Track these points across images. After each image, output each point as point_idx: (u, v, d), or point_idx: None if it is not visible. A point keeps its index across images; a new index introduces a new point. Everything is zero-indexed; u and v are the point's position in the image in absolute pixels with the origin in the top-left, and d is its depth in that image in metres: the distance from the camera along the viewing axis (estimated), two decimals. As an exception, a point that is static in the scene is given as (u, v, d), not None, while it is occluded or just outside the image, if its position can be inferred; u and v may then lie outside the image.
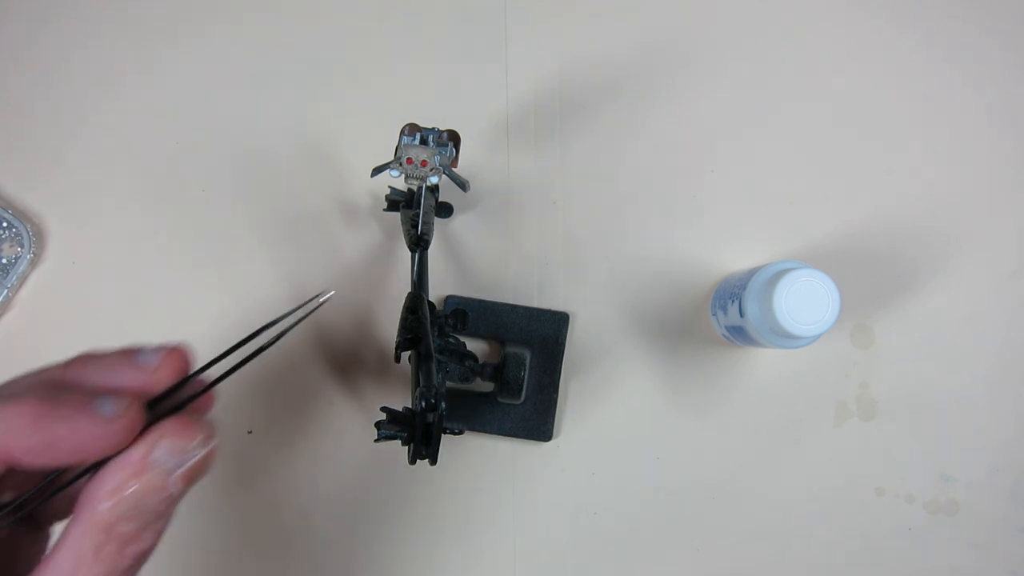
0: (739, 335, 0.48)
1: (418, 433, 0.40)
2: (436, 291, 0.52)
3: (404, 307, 0.45)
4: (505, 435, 0.52)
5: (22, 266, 0.52)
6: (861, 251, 0.52)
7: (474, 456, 0.52)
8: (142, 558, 0.29)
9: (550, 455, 0.52)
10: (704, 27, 0.54)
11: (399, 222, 0.51)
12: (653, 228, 0.53)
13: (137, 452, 0.28)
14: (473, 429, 0.52)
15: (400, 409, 0.42)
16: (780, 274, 0.43)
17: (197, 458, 0.29)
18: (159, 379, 0.30)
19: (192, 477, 0.29)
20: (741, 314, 0.46)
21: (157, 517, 0.29)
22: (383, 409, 0.42)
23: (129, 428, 0.28)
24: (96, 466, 0.29)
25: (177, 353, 0.30)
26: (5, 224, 0.52)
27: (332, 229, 0.53)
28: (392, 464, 0.52)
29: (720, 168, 0.53)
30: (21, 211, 0.53)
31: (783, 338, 0.44)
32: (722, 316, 0.49)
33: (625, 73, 0.54)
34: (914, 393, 0.52)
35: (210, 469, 0.30)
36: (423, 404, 0.39)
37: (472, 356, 0.48)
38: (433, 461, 0.41)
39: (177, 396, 0.30)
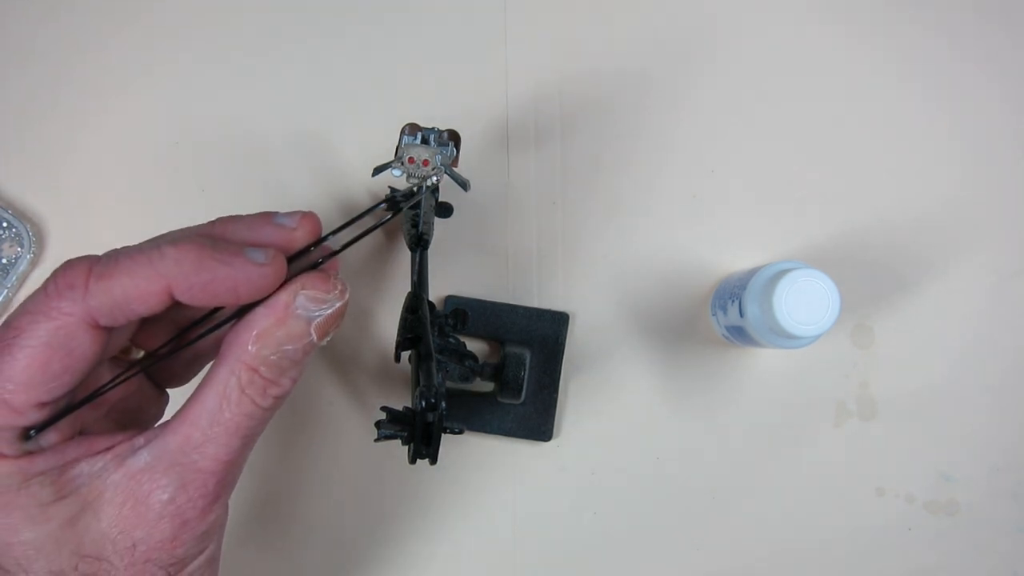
0: (739, 335, 0.48)
1: (418, 433, 0.40)
2: (436, 291, 0.52)
3: (404, 307, 0.45)
4: (505, 435, 0.52)
5: (22, 266, 0.52)
6: (861, 251, 0.52)
7: (474, 456, 0.52)
8: (279, 401, 0.33)
9: (550, 455, 0.52)
10: (705, 27, 0.54)
11: (399, 222, 0.51)
12: (653, 228, 0.53)
13: (282, 299, 0.32)
14: (473, 429, 0.52)
15: (400, 409, 0.42)
16: (780, 274, 0.43)
17: (333, 309, 0.33)
18: (297, 237, 0.33)
19: (327, 328, 0.33)
20: (741, 314, 0.46)
21: (294, 364, 0.33)
22: (383, 409, 0.42)
23: (276, 275, 0.32)
24: (224, 322, 0.33)
25: (311, 217, 0.34)
26: (5, 224, 0.52)
27: (332, 228, 0.53)
28: (392, 464, 0.52)
29: (720, 168, 0.53)
30: (21, 211, 0.53)
31: (783, 338, 0.44)
32: (722, 316, 0.49)
33: (626, 73, 0.54)
34: (914, 393, 0.52)
35: (340, 324, 0.33)
36: (423, 404, 0.39)
37: (472, 356, 0.48)
38: (433, 461, 0.41)
39: (310, 257, 0.34)
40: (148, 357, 0.36)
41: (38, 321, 0.30)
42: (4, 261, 0.52)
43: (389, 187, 0.50)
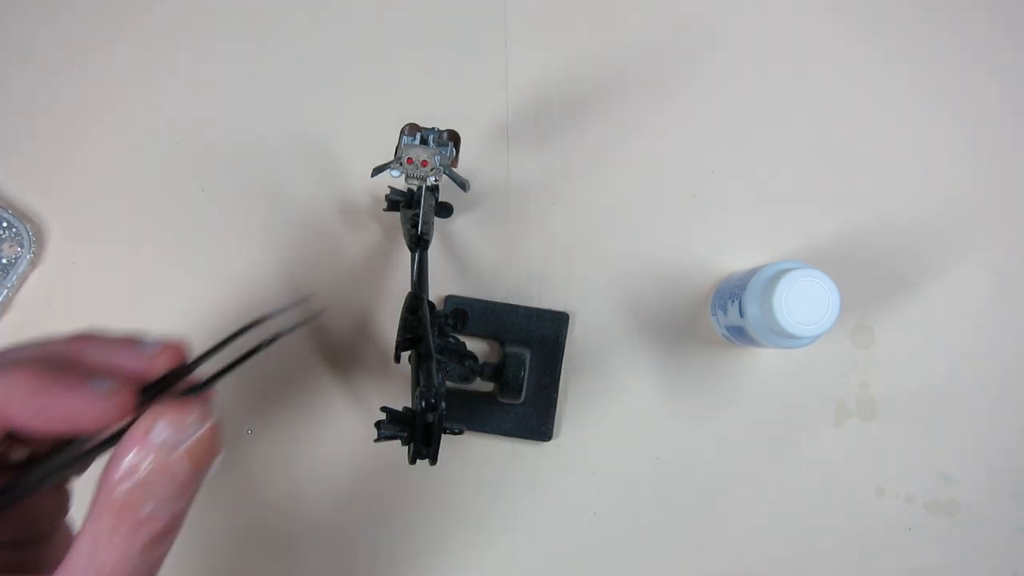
0: (739, 335, 0.48)
1: (418, 433, 0.40)
2: (436, 291, 0.52)
3: (404, 307, 0.45)
4: (505, 435, 0.52)
5: (22, 266, 0.52)
6: (861, 251, 0.52)
7: (474, 456, 0.52)
8: (159, 540, 0.30)
9: (550, 455, 0.52)
10: (704, 27, 0.54)
11: (399, 222, 0.51)
12: (653, 228, 0.53)
13: (138, 431, 0.29)
14: (473, 429, 0.52)
15: (400, 409, 0.41)
16: (780, 274, 0.43)
17: (197, 435, 0.29)
18: (156, 367, 0.31)
19: (198, 457, 0.30)
20: (741, 314, 0.46)
21: (167, 499, 0.29)
22: (383, 409, 0.42)
23: (121, 407, 0.29)
24: (102, 446, 0.30)
25: (176, 349, 0.32)
26: (5, 224, 0.52)
27: (332, 229, 0.53)
28: (392, 464, 0.52)
29: (720, 168, 0.53)
30: (21, 211, 0.53)
31: (783, 338, 0.44)
32: (722, 316, 0.49)
33: (625, 73, 0.54)
34: (914, 393, 0.52)
35: (219, 452, 0.30)
36: (423, 404, 0.39)
37: (472, 356, 0.48)
38: (433, 461, 0.41)
39: (174, 389, 0.31)
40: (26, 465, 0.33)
41: None
42: (4, 261, 0.52)
43: (389, 187, 0.50)
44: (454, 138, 0.44)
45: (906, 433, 0.52)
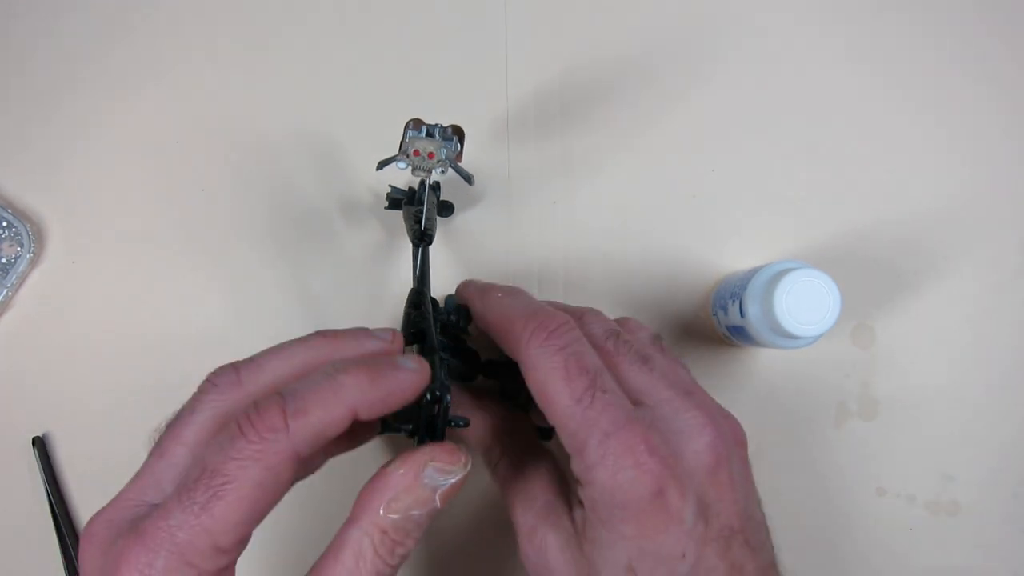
0: (739, 335, 0.48)
1: (423, 426, 0.40)
2: (437, 290, 0.52)
3: (407, 303, 0.45)
4: (506, 434, 0.52)
5: (22, 266, 0.52)
6: (862, 250, 0.53)
7: (474, 455, 0.52)
8: (403, 560, 0.36)
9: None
10: (704, 27, 0.54)
11: (401, 220, 0.51)
12: (653, 228, 0.53)
13: (412, 469, 0.35)
14: (475, 426, 0.51)
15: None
16: (780, 274, 0.43)
17: (457, 479, 0.35)
18: (394, 351, 0.38)
19: (449, 496, 0.35)
20: (741, 314, 0.46)
21: (418, 526, 0.35)
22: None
23: (424, 375, 0.36)
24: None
25: (398, 332, 0.38)
26: (5, 224, 0.52)
27: (334, 227, 0.53)
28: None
29: (720, 168, 0.53)
30: (21, 211, 0.53)
31: (784, 338, 0.44)
32: (722, 316, 0.49)
33: (625, 73, 0.54)
34: (915, 393, 0.52)
35: (459, 492, 0.35)
36: (428, 397, 0.39)
37: (474, 353, 0.48)
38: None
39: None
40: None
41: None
42: (4, 261, 0.52)
43: (390, 185, 0.50)
44: (458, 133, 0.44)
45: (907, 433, 0.52)
